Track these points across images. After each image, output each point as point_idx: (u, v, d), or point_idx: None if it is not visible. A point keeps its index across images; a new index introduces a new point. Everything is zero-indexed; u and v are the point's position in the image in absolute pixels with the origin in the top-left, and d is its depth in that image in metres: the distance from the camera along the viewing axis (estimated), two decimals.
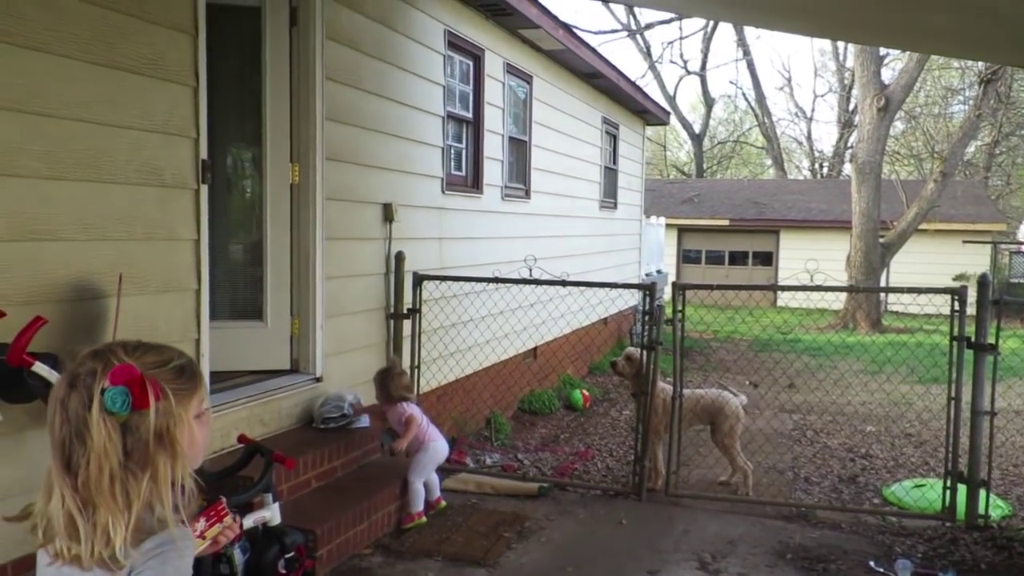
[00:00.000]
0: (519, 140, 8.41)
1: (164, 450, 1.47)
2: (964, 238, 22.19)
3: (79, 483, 1.42)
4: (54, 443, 1.45)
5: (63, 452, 1.43)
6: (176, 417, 1.49)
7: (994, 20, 4.56)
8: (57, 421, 1.44)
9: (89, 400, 1.43)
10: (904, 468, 6.77)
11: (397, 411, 4.95)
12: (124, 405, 1.43)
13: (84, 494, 1.42)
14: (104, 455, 1.41)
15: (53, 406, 1.47)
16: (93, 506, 1.42)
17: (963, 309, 5.17)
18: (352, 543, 4.25)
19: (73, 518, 1.42)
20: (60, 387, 1.48)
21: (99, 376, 1.45)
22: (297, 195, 4.90)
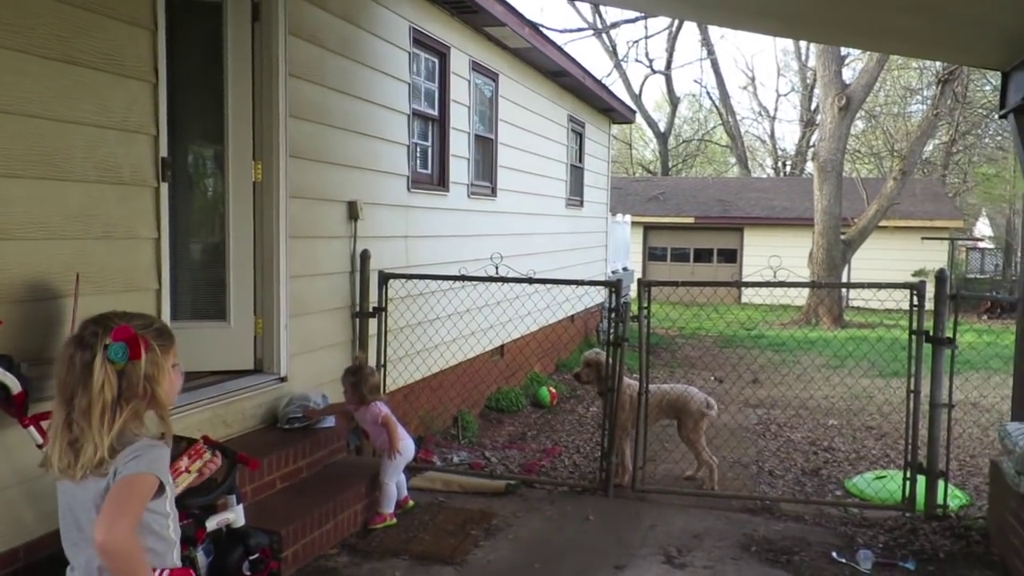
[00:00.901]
0: (485, 138, 8.40)
1: (148, 389, 1.97)
2: (923, 235, 22.65)
3: (75, 415, 1.90)
4: (59, 387, 1.95)
5: (65, 394, 1.93)
6: (158, 366, 2.00)
7: (952, 21, 4.66)
8: (63, 371, 1.94)
9: (93, 354, 1.92)
10: (865, 460, 6.89)
11: (372, 411, 4.89)
12: (123, 356, 1.93)
13: (79, 424, 1.89)
14: (100, 393, 1.90)
15: (63, 361, 1.95)
16: (82, 431, 1.89)
17: (922, 304, 5.27)
18: (318, 544, 4.21)
19: (67, 443, 1.91)
20: (69, 347, 1.96)
21: (101, 335, 1.94)
22: (260, 193, 4.84)
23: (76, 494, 1.96)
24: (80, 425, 1.90)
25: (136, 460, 1.91)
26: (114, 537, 1.83)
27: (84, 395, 1.90)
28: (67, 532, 2.02)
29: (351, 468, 4.97)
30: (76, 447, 1.91)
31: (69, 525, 2.00)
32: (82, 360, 1.92)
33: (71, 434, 1.91)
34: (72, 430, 1.91)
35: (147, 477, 1.92)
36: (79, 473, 1.91)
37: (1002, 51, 4.91)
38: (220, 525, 3.50)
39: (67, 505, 2.00)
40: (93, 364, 1.91)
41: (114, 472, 1.90)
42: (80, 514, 1.96)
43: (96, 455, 1.89)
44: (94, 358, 1.92)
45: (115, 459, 1.91)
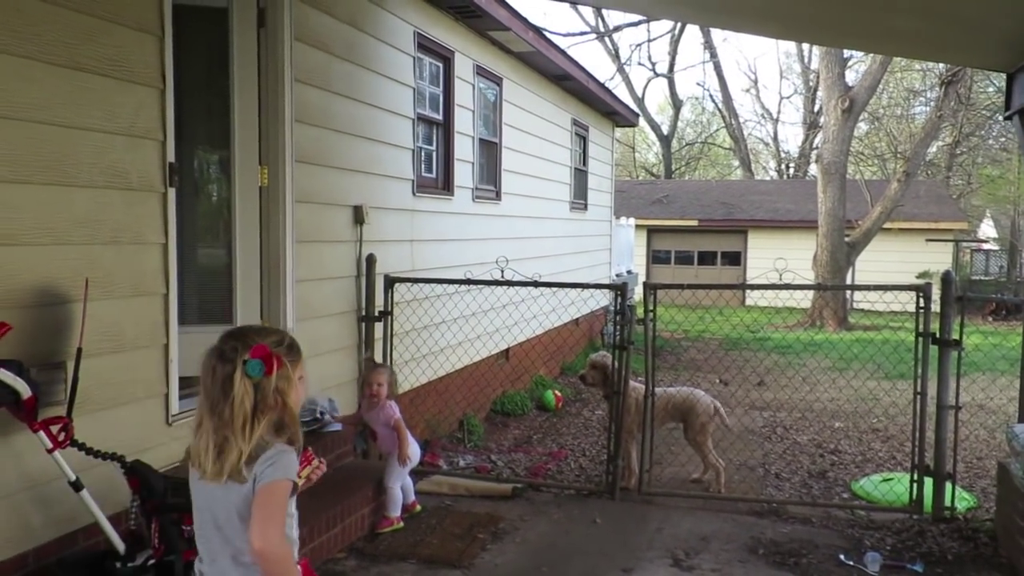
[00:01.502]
0: (490, 142, 8.41)
1: (279, 401, 2.12)
2: (927, 236, 22.61)
3: (220, 423, 2.08)
4: (205, 396, 2.12)
5: (211, 402, 2.10)
6: (288, 380, 2.15)
7: (956, 23, 4.66)
8: (209, 381, 2.11)
9: (233, 368, 2.09)
10: (872, 463, 6.87)
11: (386, 412, 4.88)
12: (259, 371, 2.09)
13: (222, 431, 2.07)
14: (240, 405, 2.07)
15: (206, 371, 2.13)
16: (226, 439, 2.07)
17: (928, 306, 5.27)
18: (326, 548, 4.22)
19: (212, 447, 2.08)
20: (211, 359, 2.13)
21: (240, 351, 2.10)
22: (266, 198, 4.85)
23: (218, 496, 2.14)
24: (224, 433, 2.09)
25: (273, 467, 2.09)
26: (271, 543, 2.04)
27: (226, 406, 2.08)
28: (203, 528, 2.20)
29: (358, 472, 4.98)
30: (222, 453, 2.09)
31: (207, 523, 2.18)
32: (223, 373, 2.10)
33: (217, 440, 2.09)
34: (218, 436, 2.10)
35: (285, 483, 2.11)
36: (224, 477, 2.09)
37: (1006, 53, 4.92)
38: None
39: (206, 505, 2.17)
40: (233, 377, 2.09)
41: (253, 479, 2.09)
42: (219, 514, 2.15)
43: (239, 461, 2.08)
44: (234, 371, 2.09)
45: (252, 466, 2.09)
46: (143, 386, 3.86)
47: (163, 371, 3.98)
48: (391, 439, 4.87)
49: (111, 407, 3.67)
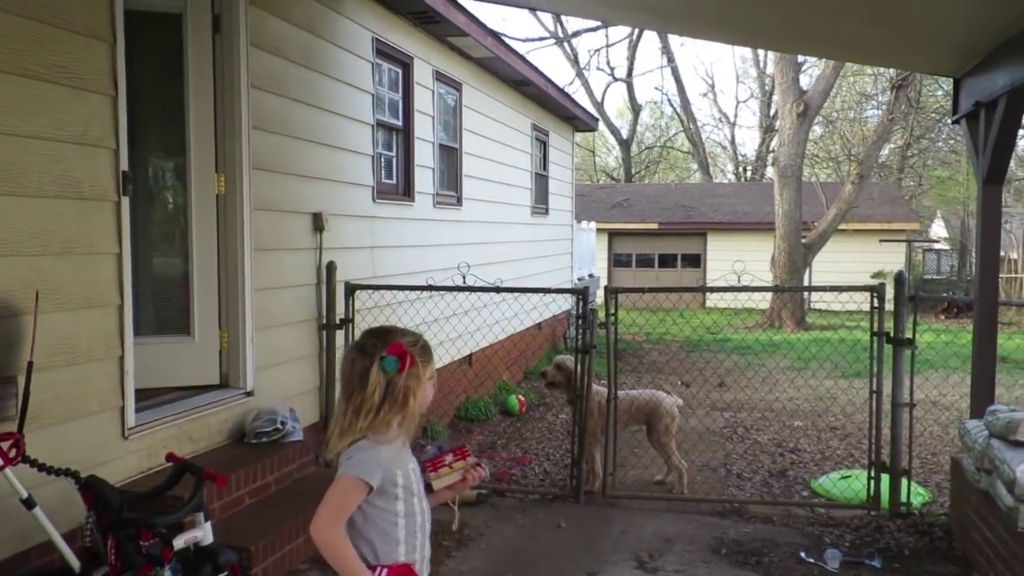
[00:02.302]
0: (450, 147, 8.40)
1: (404, 398, 2.24)
2: (881, 237, 23.09)
3: (351, 411, 2.22)
4: (344, 385, 2.27)
5: (348, 391, 2.25)
6: (418, 379, 2.26)
7: (906, 30, 4.78)
8: (348, 372, 2.26)
9: (371, 362, 2.22)
10: (831, 460, 6.99)
11: None
12: (394, 367, 2.22)
13: (350, 416, 2.21)
14: (372, 395, 2.20)
15: (347, 363, 2.28)
16: (351, 424, 2.21)
17: (882, 306, 5.38)
18: (288, 559, 4.17)
19: (338, 429, 2.23)
20: (352, 352, 2.28)
21: (379, 347, 2.24)
22: (224, 206, 4.79)
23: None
24: (350, 418, 2.22)
25: (348, 462, 2.19)
26: (316, 528, 2.18)
27: (359, 394, 2.23)
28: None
29: (320, 482, 4.88)
30: (348, 432, 2.22)
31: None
32: (362, 366, 2.24)
33: (343, 424, 2.24)
34: (345, 421, 2.24)
35: (349, 480, 2.18)
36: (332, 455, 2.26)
37: (954, 59, 5.05)
38: (188, 543, 3.44)
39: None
40: (370, 370, 2.23)
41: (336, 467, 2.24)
42: None
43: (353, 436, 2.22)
44: (371, 365, 2.23)
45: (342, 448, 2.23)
46: (97, 399, 3.78)
47: (118, 383, 3.90)
48: None
49: (64, 421, 3.59)
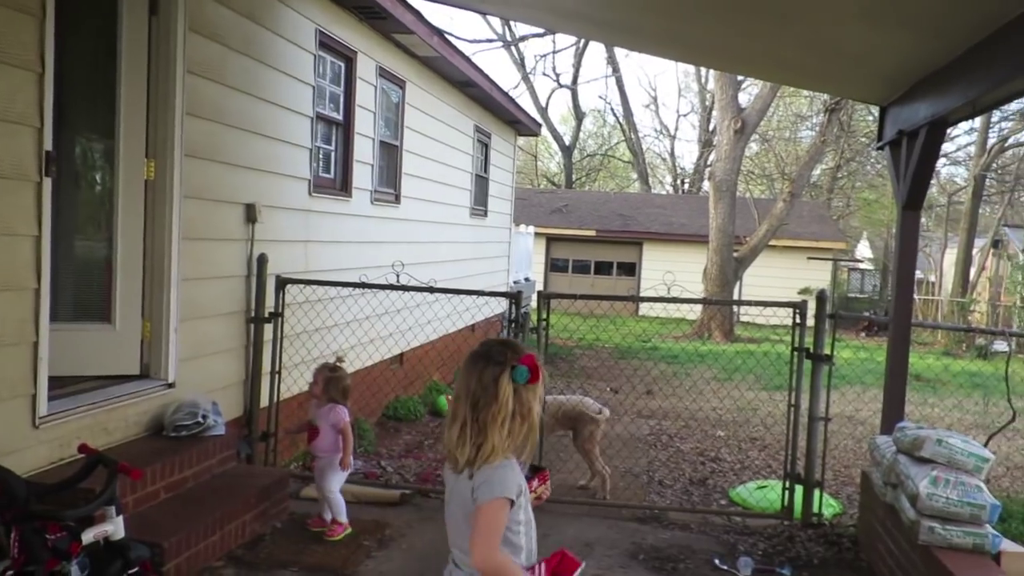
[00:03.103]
0: (390, 145, 8.35)
1: (527, 410, 2.25)
2: (809, 255, 23.81)
3: (478, 420, 2.20)
4: (467, 394, 2.23)
5: (473, 400, 2.22)
6: (535, 394, 2.27)
7: (837, 57, 4.95)
8: (474, 381, 2.23)
9: (502, 370, 2.22)
10: (749, 470, 7.18)
11: (337, 414, 4.79)
12: (524, 378, 2.23)
13: (480, 426, 2.20)
14: (504, 404, 2.20)
15: (472, 371, 2.24)
16: (482, 434, 2.20)
17: (803, 322, 5.55)
18: (204, 555, 4.08)
19: (468, 441, 2.20)
20: (479, 360, 2.25)
21: (510, 357, 2.24)
22: (153, 192, 4.67)
23: (456, 484, 2.29)
24: (480, 428, 2.21)
25: (493, 485, 2.19)
26: (490, 561, 2.17)
27: (491, 404, 2.21)
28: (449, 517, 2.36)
29: (241, 478, 4.84)
30: (477, 444, 2.21)
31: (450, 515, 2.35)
32: (492, 374, 2.22)
33: (473, 434, 2.22)
34: (474, 431, 2.22)
35: (499, 501, 2.19)
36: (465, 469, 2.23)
37: (881, 88, 5.25)
38: (97, 537, 3.34)
39: (451, 494, 2.33)
40: (501, 379, 2.22)
41: (471, 489, 2.21)
42: (456, 504, 2.30)
43: (484, 457, 2.20)
44: (502, 374, 2.22)
45: (476, 473, 2.21)
46: (8, 386, 3.65)
47: (31, 370, 3.77)
48: (333, 442, 4.77)
49: None
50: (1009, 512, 5.91)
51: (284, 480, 5.05)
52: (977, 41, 3.79)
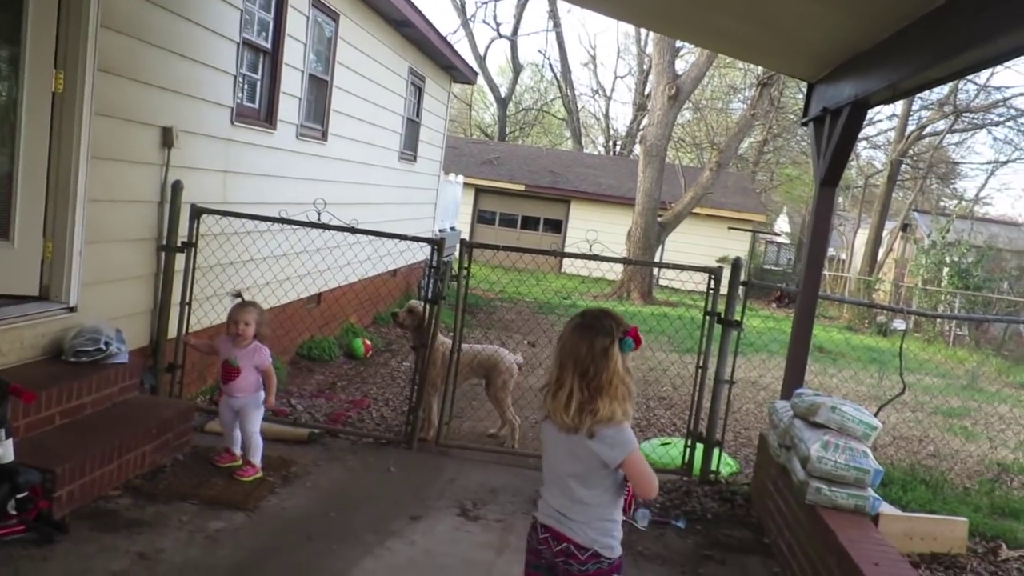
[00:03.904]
0: (320, 79, 8.11)
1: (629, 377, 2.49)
2: (730, 224, 24.40)
3: (588, 386, 2.44)
4: (575, 362, 2.45)
5: (582, 367, 2.44)
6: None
7: (771, 30, 5.01)
8: (583, 350, 2.45)
9: (611, 341, 2.45)
10: (654, 427, 7.40)
11: (261, 354, 4.67)
12: (630, 348, 2.48)
13: (593, 392, 2.43)
14: (615, 372, 2.44)
15: (581, 340, 2.46)
16: (593, 399, 2.43)
17: (717, 288, 5.70)
18: (98, 484, 3.98)
19: (574, 403, 2.44)
20: (587, 332, 2.47)
21: (616, 329, 2.47)
22: (60, 106, 4.42)
23: (566, 446, 2.49)
24: (591, 394, 2.43)
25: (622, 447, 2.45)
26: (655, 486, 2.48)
27: (603, 371, 2.43)
28: (550, 471, 2.58)
29: (143, 408, 4.72)
30: (590, 410, 2.43)
31: (555, 469, 2.56)
32: (602, 344, 2.44)
33: (582, 400, 2.43)
34: (583, 396, 2.44)
35: (635, 452, 2.46)
36: (581, 431, 2.44)
37: (811, 64, 5.35)
38: None
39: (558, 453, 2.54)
40: (611, 349, 2.44)
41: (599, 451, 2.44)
42: (565, 461, 2.52)
43: (601, 420, 2.43)
44: (611, 344, 2.44)
45: (602, 430, 2.44)
46: None
47: None
48: (255, 383, 4.68)
49: None
50: (891, 478, 6.28)
51: (188, 413, 4.95)
52: (902, 26, 3.89)
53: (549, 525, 2.55)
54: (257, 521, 4.14)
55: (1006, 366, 14.59)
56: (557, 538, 2.53)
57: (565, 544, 2.52)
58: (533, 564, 2.65)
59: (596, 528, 2.50)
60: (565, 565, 2.52)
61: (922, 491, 6.15)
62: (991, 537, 5.45)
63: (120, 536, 3.74)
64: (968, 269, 19.74)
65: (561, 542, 2.52)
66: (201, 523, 4.01)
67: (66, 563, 3.43)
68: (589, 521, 2.50)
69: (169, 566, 3.54)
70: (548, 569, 2.59)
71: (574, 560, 2.50)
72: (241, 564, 3.65)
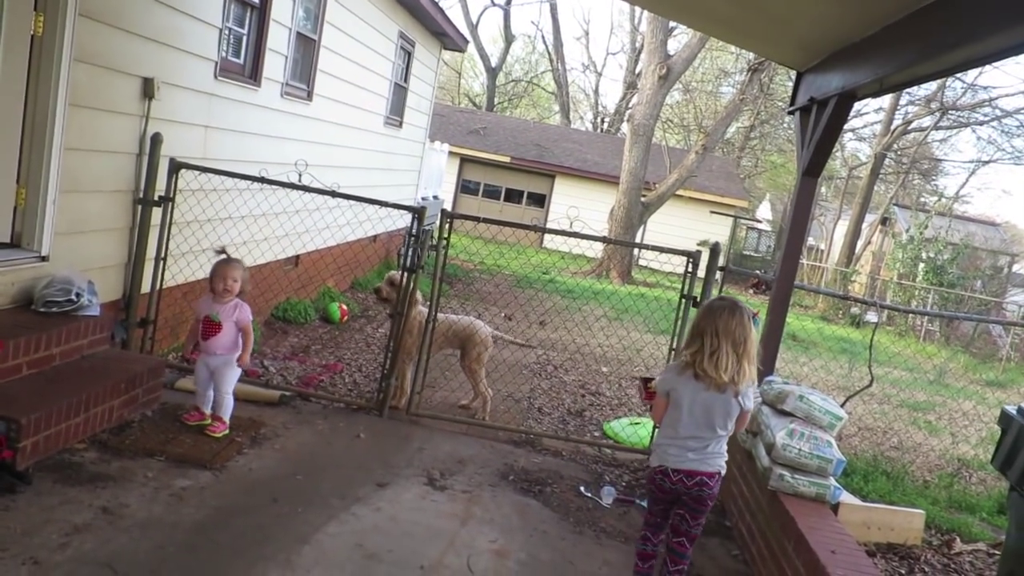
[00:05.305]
0: (308, 38, 7.98)
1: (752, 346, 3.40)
2: (712, 209, 24.47)
3: (738, 355, 3.32)
4: (727, 335, 3.31)
5: (733, 340, 3.31)
6: None
7: (763, 16, 4.99)
8: (734, 326, 3.31)
9: (749, 318, 3.36)
10: (626, 407, 7.46)
11: (241, 312, 4.68)
12: (758, 324, 3.39)
13: (741, 357, 3.32)
14: (751, 342, 3.35)
15: (731, 320, 3.32)
16: (742, 364, 3.32)
17: (694, 271, 5.73)
18: (64, 436, 3.95)
19: (728, 368, 3.30)
20: (741, 315, 3.35)
21: (749, 312, 3.38)
22: (39, 49, 4.32)
23: (716, 399, 3.36)
24: (737, 358, 3.32)
25: (750, 400, 3.43)
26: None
27: (746, 343, 3.32)
28: (696, 418, 3.40)
29: (112, 362, 4.68)
30: (739, 370, 3.32)
31: (701, 415, 3.39)
32: (742, 320, 3.33)
33: (732, 364, 3.31)
34: (733, 361, 3.31)
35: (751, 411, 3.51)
36: (726, 389, 3.33)
37: (800, 52, 5.35)
38: None
39: (705, 404, 3.38)
40: (748, 324, 3.34)
41: (736, 395, 3.36)
42: (715, 411, 3.38)
43: (744, 380, 3.34)
44: (749, 320, 3.35)
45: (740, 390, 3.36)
46: None
47: None
48: (233, 340, 4.67)
49: None
50: (854, 468, 6.39)
51: (159, 369, 4.91)
52: (893, 21, 3.89)
53: (683, 468, 3.40)
54: (223, 480, 4.14)
55: (974, 363, 14.84)
56: (691, 475, 3.41)
57: (699, 478, 3.41)
58: (660, 499, 3.55)
59: (722, 454, 3.45)
60: (698, 491, 3.42)
61: (883, 482, 6.27)
62: (947, 530, 5.57)
63: (84, 490, 3.73)
64: (943, 266, 19.97)
65: (694, 477, 3.41)
66: (167, 480, 4.00)
67: (28, 514, 3.42)
68: (721, 452, 3.44)
69: (132, 521, 3.53)
70: (671, 502, 3.52)
71: (706, 487, 3.42)
72: (204, 523, 3.65)
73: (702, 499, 3.44)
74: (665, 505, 3.54)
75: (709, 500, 3.46)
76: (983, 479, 7.09)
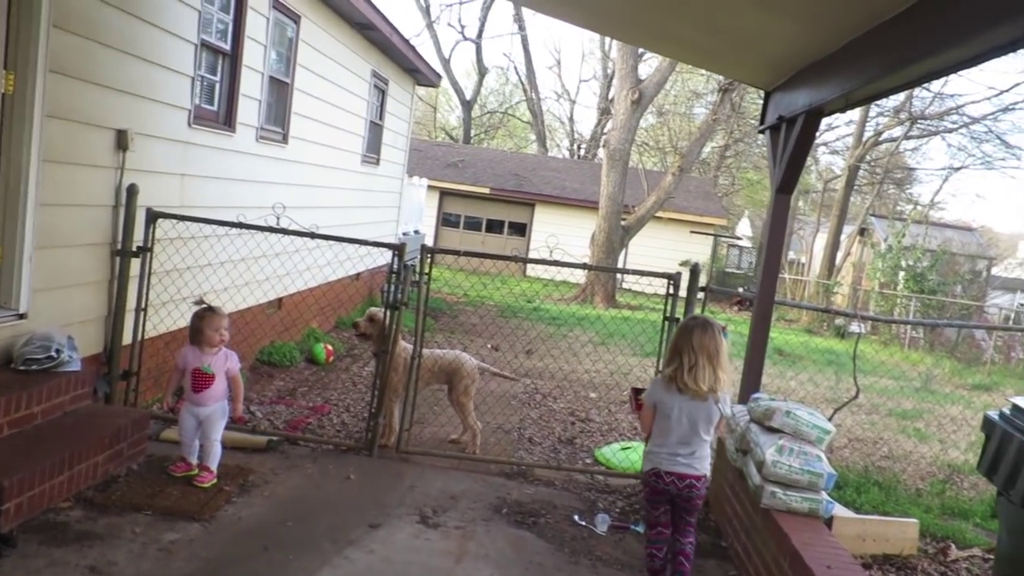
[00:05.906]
0: (281, 81, 8.04)
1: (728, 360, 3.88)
2: (692, 228, 24.65)
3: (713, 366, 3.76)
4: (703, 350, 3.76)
5: (708, 354, 3.75)
6: None
7: (730, 39, 5.08)
8: (707, 341, 3.76)
9: (719, 334, 3.80)
10: (616, 432, 7.44)
11: (232, 361, 4.70)
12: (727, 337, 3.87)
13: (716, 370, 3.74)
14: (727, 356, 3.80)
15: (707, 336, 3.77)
16: (717, 375, 3.75)
17: (676, 292, 5.76)
18: (48, 496, 3.88)
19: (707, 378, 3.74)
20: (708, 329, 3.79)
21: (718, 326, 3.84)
22: (11, 107, 4.32)
23: (698, 407, 3.79)
24: (717, 372, 3.75)
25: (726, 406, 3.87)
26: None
27: (719, 355, 3.76)
28: (681, 426, 3.82)
29: (96, 417, 4.62)
30: (716, 379, 3.73)
31: (684, 422, 3.81)
32: (714, 335, 3.78)
33: (710, 375, 3.73)
34: (710, 372, 3.73)
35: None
36: (711, 396, 3.76)
37: (767, 73, 5.44)
38: None
39: (687, 412, 3.80)
40: (719, 337, 3.78)
41: (715, 402, 3.79)
42: (698, 417, 3.80)
43: (724, 388, 3.77)
44: (720, 333, 3.80)
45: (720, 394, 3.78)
46: None
47: None
48: (224, 389, 4.70)
49: None
50: (846, 480, 6.40)
51: (143, 421, 4.85)
52: (854, 38, 3.97)
53: (675, 471, 3.81)
54: (213, 531, 4.08)
55: (959, 368, 14.95)
56: (682, 477, 3.81)
57: (689, 480, 3.81)
58: (655, 500, 3.91)
59: (707, 458, 3.86)
60: (688, 493, 3.82)
61: (875, 493, 6.27)
62: (941, 538, 5.58)
63: (70, 550, 3.67)
64: (923, 273, 20.17)
65: (685, 479, 3.81)
66: (155, 534, 3.95)
67: None
68: (706, 456, 3.84)
69: None
70: (667, 502, 3.89)
71: (695, 489, 3.82)
72: None
73: (692, 499, 3.87)
74: (663, 505, 3.90)
75: (698, 500, 3.89)
76: (975, 484, 7.11)
